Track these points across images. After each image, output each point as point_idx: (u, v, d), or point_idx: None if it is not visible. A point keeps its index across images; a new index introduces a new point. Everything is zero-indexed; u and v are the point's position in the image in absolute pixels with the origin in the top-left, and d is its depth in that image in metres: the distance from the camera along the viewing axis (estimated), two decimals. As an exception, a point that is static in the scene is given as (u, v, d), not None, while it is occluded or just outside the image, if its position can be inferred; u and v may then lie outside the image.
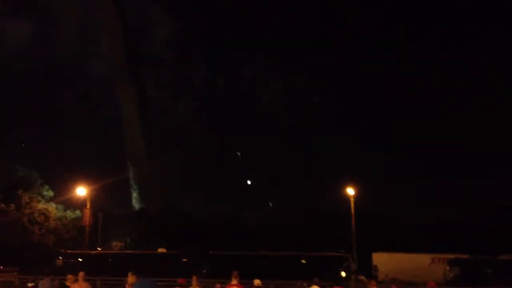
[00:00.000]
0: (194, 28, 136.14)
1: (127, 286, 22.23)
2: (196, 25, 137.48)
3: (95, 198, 75.13)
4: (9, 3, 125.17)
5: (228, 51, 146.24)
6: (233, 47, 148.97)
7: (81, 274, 23.73)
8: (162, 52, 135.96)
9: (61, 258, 55.77)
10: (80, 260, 55.38)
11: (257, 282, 23.26)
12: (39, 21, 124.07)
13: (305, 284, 32.00)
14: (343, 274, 50.56)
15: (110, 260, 56.56)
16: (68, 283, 24.30)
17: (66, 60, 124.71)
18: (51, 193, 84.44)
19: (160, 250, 57.79)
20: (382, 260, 62.70)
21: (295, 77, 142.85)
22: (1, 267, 66.83)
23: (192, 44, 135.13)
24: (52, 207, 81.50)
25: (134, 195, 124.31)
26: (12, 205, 76.71)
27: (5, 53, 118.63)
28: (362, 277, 59.06)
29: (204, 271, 50.30)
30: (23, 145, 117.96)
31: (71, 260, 54.41)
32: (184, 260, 53.02)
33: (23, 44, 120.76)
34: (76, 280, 23.94)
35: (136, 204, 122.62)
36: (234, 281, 22.16)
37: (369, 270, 62.17)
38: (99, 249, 67.73)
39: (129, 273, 21.48)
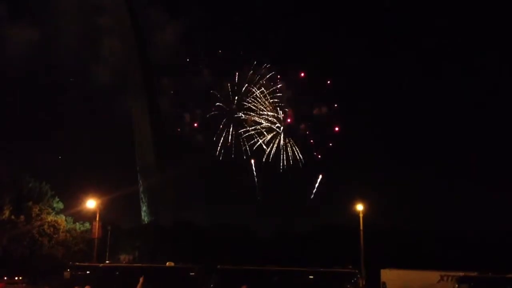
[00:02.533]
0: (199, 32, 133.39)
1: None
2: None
3: (104, 211, 75.43)
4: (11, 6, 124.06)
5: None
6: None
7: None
8: (166, 58, 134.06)
9: (69, 270, 55.82)
10: (89, 272, 55.42)
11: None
12: (42, 26, 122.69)
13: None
14: (351, 290, 50.30)
15: (118, 273, 56.55)
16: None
17: (71, 68, 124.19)
18: (61, 205, 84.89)
19: (168, 263, 57.75)
20: (390, 277, 62.18)
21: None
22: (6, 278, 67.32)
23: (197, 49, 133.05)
24: (61, 219, 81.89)
25: (144, 208, 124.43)
26: (22, 217, 77.12)
27: (16, 60, 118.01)
28: (370, 294, 58.86)
29: (212, 285, 50.28)
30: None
31: (80, 273, 54.44)
32: (192, 274, 52.94)
33: (26, 50, 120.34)
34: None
35: (145, 217, 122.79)
36: (241, 296, 22.29)
37: (377, 287, 61.82)
38: (107, 262, 67.79)
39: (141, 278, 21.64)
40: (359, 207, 68.42)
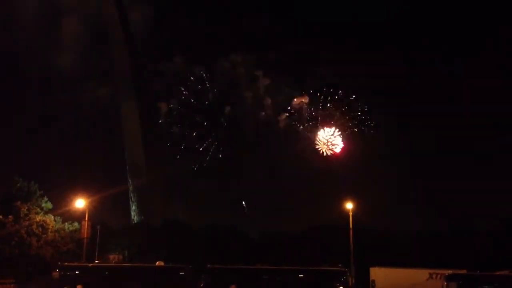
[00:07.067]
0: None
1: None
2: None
3: (93, 211, 75.16)
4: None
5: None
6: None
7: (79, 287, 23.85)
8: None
9: (58, 270, 55.60)
10: (78, 272, 55.23)
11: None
12: None
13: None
14: (341, 288, 50.52)
15: (107, 273, 56.41)
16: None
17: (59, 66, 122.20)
18: (49, 205, 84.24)
19: (158, 263, 57.73)
20: (379, 275, 62.55)
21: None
22: None
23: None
24: (50, 219, 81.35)
25: (133, 207, 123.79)
26: (10, 217, 76.61)
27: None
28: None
29: (202, 284, 50.30)
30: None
31: (69, 273, 54.23)
32: (182, 273, 52.96)
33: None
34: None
35: (135, 216, 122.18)
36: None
37: (366, 285, 62.10)
38: (97, 261, 67.55)
39: None
40: (349, 205, 68.81)
